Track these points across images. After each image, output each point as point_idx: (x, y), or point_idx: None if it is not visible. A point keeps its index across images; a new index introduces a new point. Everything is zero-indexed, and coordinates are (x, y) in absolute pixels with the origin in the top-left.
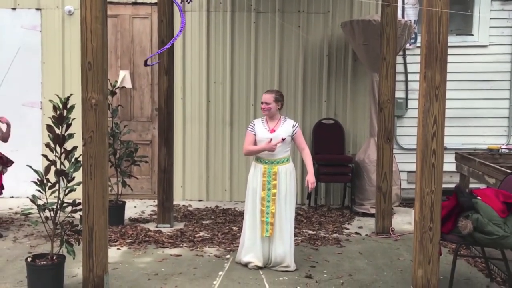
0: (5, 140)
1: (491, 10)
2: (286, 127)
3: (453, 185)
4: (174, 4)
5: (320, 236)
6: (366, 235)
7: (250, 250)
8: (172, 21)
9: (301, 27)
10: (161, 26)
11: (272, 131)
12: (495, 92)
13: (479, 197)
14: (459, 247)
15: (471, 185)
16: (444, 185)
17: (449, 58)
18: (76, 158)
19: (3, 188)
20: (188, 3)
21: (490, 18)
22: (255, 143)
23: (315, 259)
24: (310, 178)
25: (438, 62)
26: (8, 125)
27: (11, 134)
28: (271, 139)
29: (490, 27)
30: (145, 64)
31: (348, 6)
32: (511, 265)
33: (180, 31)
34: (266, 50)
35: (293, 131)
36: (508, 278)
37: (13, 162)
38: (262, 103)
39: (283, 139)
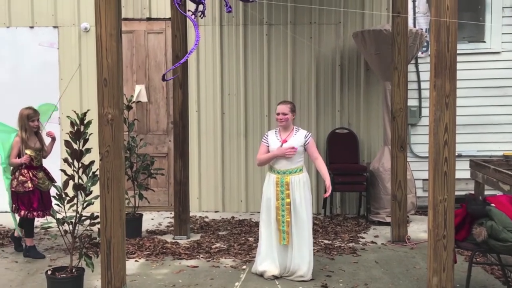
0: (46, 155)
1: (503, 16)
2: (298, 137)
3: (468, 193)
4: (187, 19)
5: (335, 245)
6: (382, 243)
7: (266, 259)
8: (186, 35)
9: (313, 38)
10: (175, 41)
11: (284, 141)
12: (509, 98)
13: (493, 204)
14: (474, 255)
15: (486, 192)
16: (459, 192)
17: (462, 66)
18: (93, 172)
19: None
20: (202, 18)
21: (502, 25)
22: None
23: (331, 269)
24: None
25: (448, 71)
26: (54, 140)
27: (52, 150)
28: (282, 144)
29: (502, 33)
30: (163, 79)
31: (359, 16)
32: None
33: (196, 44)
34: (278, 62)
35: (306, 141)
36: None
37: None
38: (278, 114)
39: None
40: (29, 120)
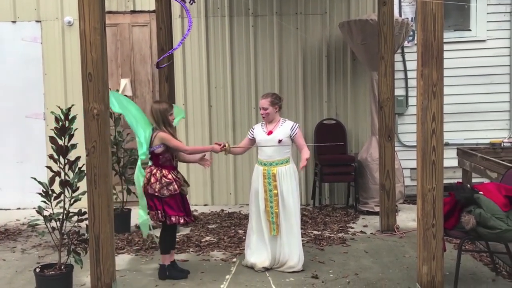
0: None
1: (488, 4)
2: (284, 128)
3: (456, 181)
4: (171, 11)
5: (325, 236)
6: (371, 233)
7: (256, 251)
8: (171, 28)
9: (299, 29)
10: (160, 33)
11: (270, 133)
12: (495, 86)
13: (481, 192)
14: (463, 242)
15: (473, 180)
16: (447, 181)
17: (448, 54)
18: (79, 168)
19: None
20: (191, 4)
21: (487, 13)
22: (249, 145)
23: (321, 259)
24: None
25: (435, 60)
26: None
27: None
28: (268, 135)
29: (487, 21)
30: (157, 67)
31: (345, 6)
32: None
33: (189, 30)
34: (265, 53)
35: (292, 133)
36: None
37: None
38: (260, 109)
39: (279, 141)
40: (168, 114)
